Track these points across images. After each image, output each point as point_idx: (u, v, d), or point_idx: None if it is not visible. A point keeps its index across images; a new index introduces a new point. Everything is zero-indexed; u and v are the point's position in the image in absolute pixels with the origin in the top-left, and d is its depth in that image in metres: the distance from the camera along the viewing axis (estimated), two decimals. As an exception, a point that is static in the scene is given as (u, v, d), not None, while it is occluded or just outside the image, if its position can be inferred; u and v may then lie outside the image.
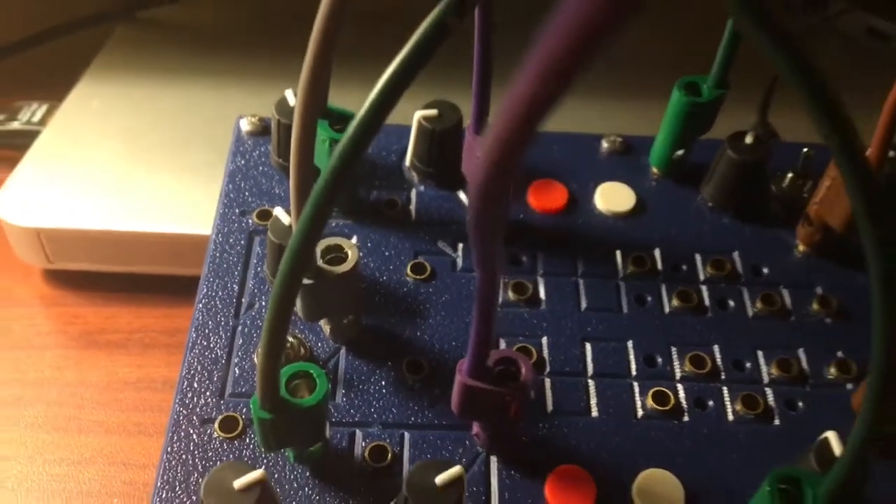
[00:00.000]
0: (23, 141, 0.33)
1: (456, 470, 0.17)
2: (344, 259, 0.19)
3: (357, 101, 0.14)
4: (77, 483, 0.23)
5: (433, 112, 0.23)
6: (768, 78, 0.33)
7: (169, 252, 0.29)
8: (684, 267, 0.23)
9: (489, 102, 0.20)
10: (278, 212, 0.20)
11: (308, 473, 0.19)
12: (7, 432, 0.25)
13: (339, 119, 0.22)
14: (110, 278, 0.29)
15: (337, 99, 0.21)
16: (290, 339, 0.20)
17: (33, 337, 0.28)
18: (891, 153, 0.23)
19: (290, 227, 0.19)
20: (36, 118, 0.34)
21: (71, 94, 0.35)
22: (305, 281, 0.18)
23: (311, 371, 0.17)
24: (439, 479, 0.17)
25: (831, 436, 0.18)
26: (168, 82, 0.36)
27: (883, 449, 0.20)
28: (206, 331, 0.21)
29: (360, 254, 0.22)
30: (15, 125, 0.34)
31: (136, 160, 0.31)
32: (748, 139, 0.23)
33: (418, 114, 0.23)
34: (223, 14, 0.41)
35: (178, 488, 0.18)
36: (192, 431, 0.19)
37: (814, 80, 0.12)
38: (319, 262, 0.18)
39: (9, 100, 0.36)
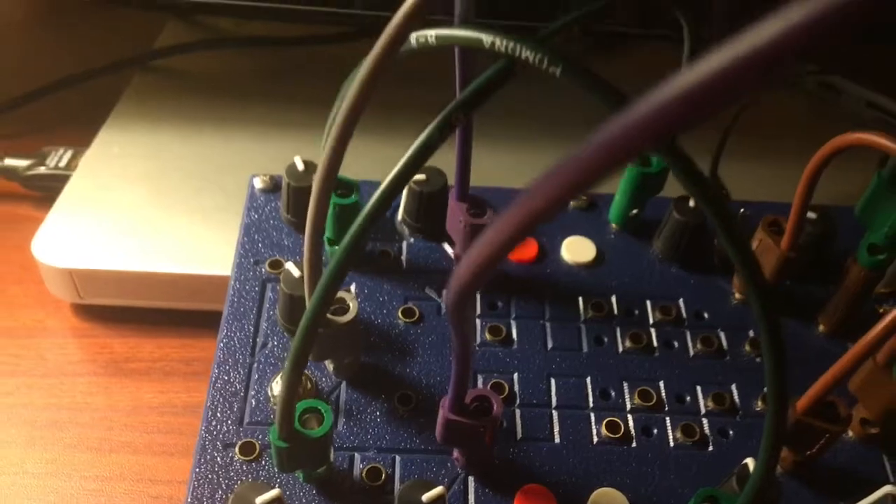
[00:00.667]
0: (50, 184, 0.37)
1: (439, 490, 0.20)
2: (346, 310, 0.22)
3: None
4: (109, 498, 0.27)
5: (422, 176, 0.27)
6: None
7: (185, 289, 0.32)
8: (636, 312, 0.27)
9: (469, 175, 0.24)
10: (289, 266, 0.23)
11: (315, 491, 0.22)
12: (48, 452, 0.28)
13: (343, 185, 0.25)
14: (134, 312, 0.32)
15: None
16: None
17: (66, 365, 0.31)
18: (812, 215, 0.26)
19: (300, 278, 0.23)
20: (62, 163, 0.38)
21: (94, 142, 0.38)
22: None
23: (320, 407, 0.20)
24: (425, 497, 0.20)
25: (750, 461, 0.21)
26: (181, 131, 0.39)
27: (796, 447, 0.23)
28: (227, 367, 0.24)
29: (359, 301, 0.26)
30: (42, 170, 0.37)
31: (156, 204, 0.34)
32: (691, 203, 0.27)
33: (409, 178, 0.27)
34: (232, 63, 0.44)
35: (205, 503, 0.22)
36: (216, 455, 0.22)
37: (707, 195, 0.15)
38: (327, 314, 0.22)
39: (32, 142, 0.39)
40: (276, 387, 0.23)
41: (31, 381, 0.30)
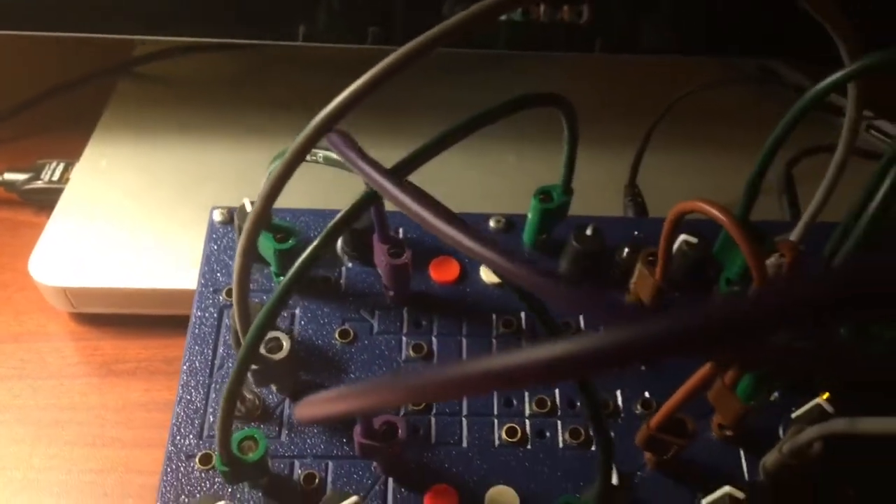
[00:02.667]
0: (46, 197, 0.40)
1: (354, 498, 0.24)
2: (280, 349, 0.26)
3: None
4: (102, 487, 0.31)
5: (354, 214, 0.30)
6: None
7: (169, 299, 0.36)
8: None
9: (386, 221, 0.27)
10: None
11: (261, 495, 0.26)
12: (51, 448, 0.32)
13: (282, 230, 0.28)
14: (121, 317, 0.36)
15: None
16: (249, 395, 0.28)
17: (64, 368, 0.35)
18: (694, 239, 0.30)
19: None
20: (55, 177, 0.41)
21: (83, 155, 0.41)
22: (253, 366, 0.25)
23: (255, 435, 0.24)
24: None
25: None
26: (166, 140, 0.42)
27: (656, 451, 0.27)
28: (189, 388, 0.28)
29: (301, 323, 0.29)
30: (39, 184, 0.41)
31: (141, 217, 0.38)
32: (588, 231, 0.30)
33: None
34: (215, 67, 0.47)
35: (171, 506, 0.26)
36: (180, 465, 0.27)
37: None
38: (262, 352, 0.26)
39: (23, 150, 0.43)
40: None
41: (36, 384, 0.34)
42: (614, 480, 0.25)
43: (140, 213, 0.38)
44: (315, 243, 0.23)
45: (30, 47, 0.50)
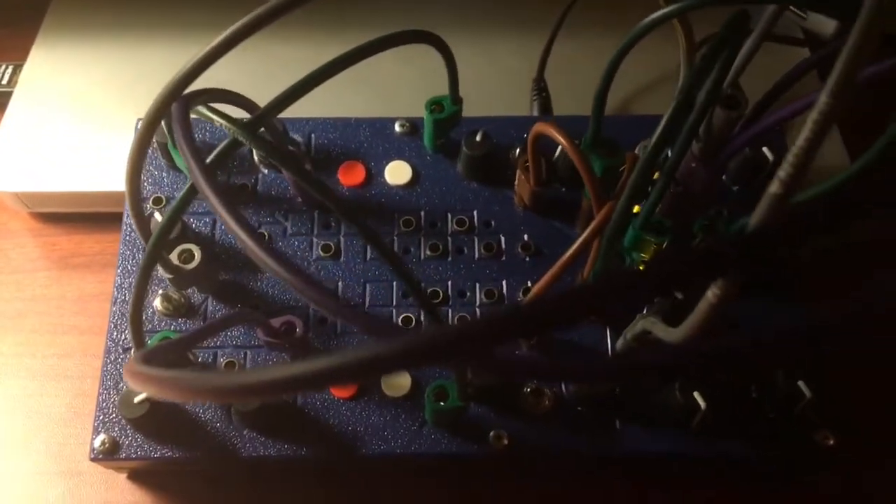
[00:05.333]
0: (-1, 100, 0.42)
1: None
2: (192, 259, 0.28)
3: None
4: (63, 370, 0.35)
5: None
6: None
7: (118, 199, 0.37)
8: (438, 224, 0.33)
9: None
10: (156, 215, 0.29)
11: (187, 381, 0.29)
12: (16, 336, 0.35)
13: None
14: (77, 214, 0.39)
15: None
16: (175, 295, 0.30)
17: (26, 262, 0.38)
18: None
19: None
20: (4, 80, 0.42)
21: (28, 59, 0.42)
22: (168, 276, 0.28)
23: (170, 336, 0.27)
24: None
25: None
26: (108, 41, 0.43)
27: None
28: (123, 289, 0.31)
29: (217, 238, 0.32)
30: (-9, 88, 0.42)
31: (87, 120, 0.39)
32: (478, 137, 0.32)
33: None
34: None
35: (111, 391, 0.29)
36: (118, 357, 0.30)
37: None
38: (177, 262, 0.28)
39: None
40: (157, 302, 0.30)
41: (1, 278, 0.37)
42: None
43: (87, 114, 0.39)
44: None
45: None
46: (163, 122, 0.31)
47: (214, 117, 0.22)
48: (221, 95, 0.25)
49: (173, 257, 0.28)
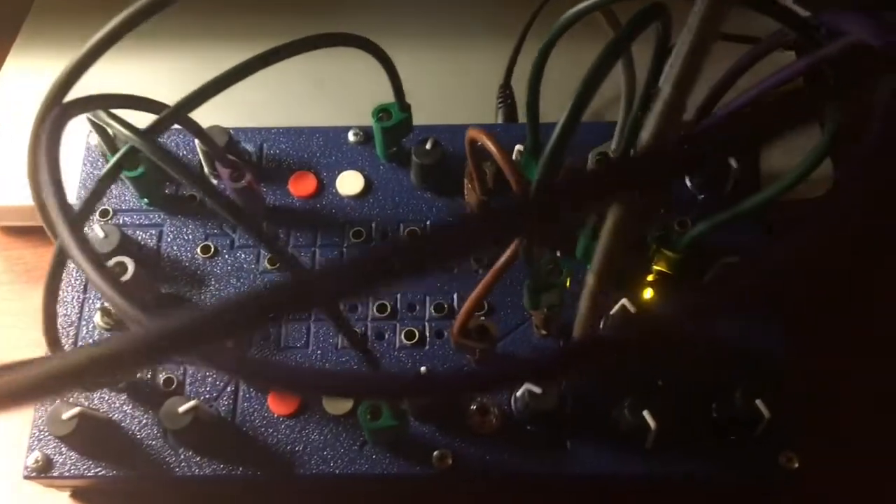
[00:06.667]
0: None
1: (193, 402, 0.26)
2: (125, 272, 0.27)
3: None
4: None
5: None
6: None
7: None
8: (390, 235, 0.31)
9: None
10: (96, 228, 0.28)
11: (125, 398, 0.28)
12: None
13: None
14: (40, 228, 0.38)
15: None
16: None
17: (-9, 277, 0.38)
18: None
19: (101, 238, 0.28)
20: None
21: (5, 65, 0.42)
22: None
23: (99, 352, 0.26)
24: (181, 408, 0.26)
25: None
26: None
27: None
28: (65, 303, 0.30)
29: (168, 239, 0.31)
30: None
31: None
32: (428, 146, 0.30)
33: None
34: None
35: (46, 407, 0.28)
36: (56, 373, 0.29)
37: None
38: (109, 276, 0.27)
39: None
40: (97, 318, 0.30)
41: (-33, 293, 0.37)
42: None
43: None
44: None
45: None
46: (98, 134, 0.30)
47: (113, 123, 0.21)
48: (121, 101, 0.24)
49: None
